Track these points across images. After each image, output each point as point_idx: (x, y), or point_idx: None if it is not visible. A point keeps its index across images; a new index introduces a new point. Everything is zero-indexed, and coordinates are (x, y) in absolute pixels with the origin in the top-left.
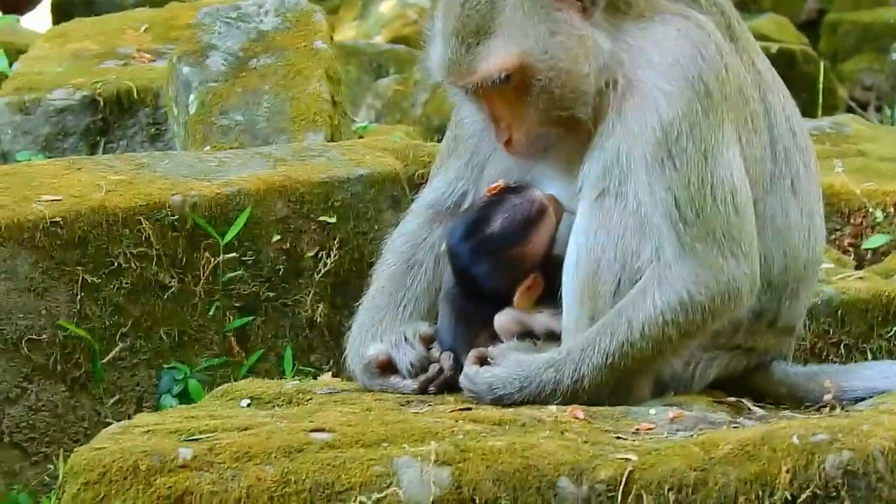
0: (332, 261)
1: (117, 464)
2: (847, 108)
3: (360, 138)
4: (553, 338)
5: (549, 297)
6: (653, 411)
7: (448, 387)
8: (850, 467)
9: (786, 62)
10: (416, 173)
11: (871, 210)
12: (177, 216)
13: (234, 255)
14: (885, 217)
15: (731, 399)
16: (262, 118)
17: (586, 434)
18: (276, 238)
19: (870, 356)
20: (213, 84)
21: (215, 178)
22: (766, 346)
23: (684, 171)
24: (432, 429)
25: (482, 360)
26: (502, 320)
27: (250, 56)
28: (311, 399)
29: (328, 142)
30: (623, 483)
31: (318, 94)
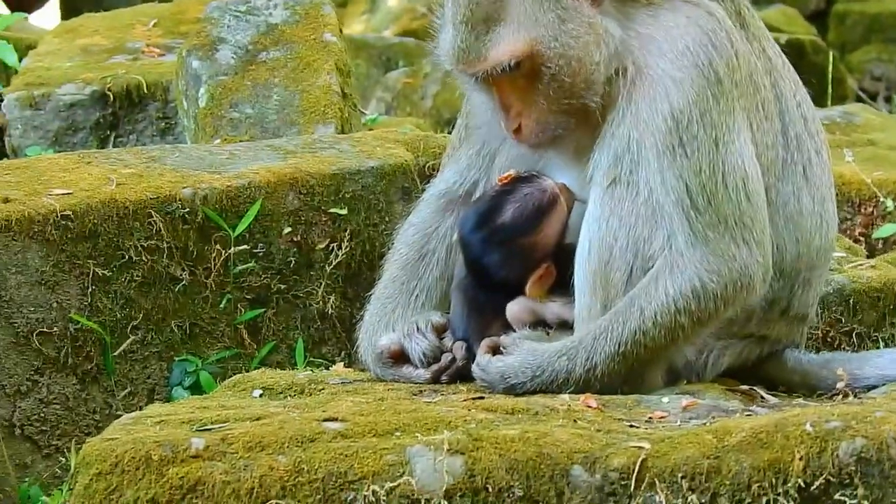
0: (343, 253)
1: (129, 454)
2: (856, 98)
3: (369, 131)
4: (565, 327)
5: (562, 286)
6: (666, 399)
7: (460, 376)
8: (863, 454)
9: (795, 53)
10: (427, 165)
11: (881, 199)
12: (187, 209)
13: (245, 247)
14: None
15: (744, 387)
16: (272, 111)
17: (599, 422)
18: (286, 230)
19: (882, 345)
20: (222, 77)
21: (226, 171)
22: (778, 334)
23: (695, 159)
24: (445, 418)
25: (494, 350)
26: (514, 309)
27: (260, 49)
28: (323, 389)
29: (338, 134)
30: (636, 471)
31: (328, 86)
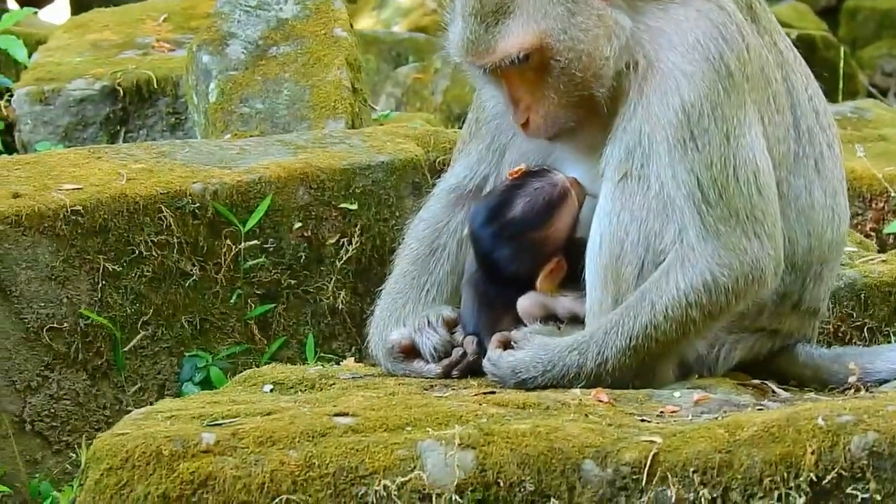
0: (353, 248)
1: (140, 449)
2: (867, 93)
3: (380, 126)
4: (576, 321)
5: (573, 281)
6: (677, 394)
7: (471, 371)
8: (875, 448)
9: (806, 48)
10: (437, 160)
11: (892, 194)
12: (198, 204)
13: (255, 242)
14: None
15: (756, 381)
16: (283, 106)
17: (610, 417)
18: (297, 225)
19: (893, 339)
20: (232, 72)
21: (236, 166)
22: (790, 328)
23: (707, 153)
24: (456, 412)
25: (505, 344)
26: (525, 304)
27: (270, 44)
28: (334, 384)
29: (349, 129)
30: (648, 465)
31: (339, 81)
